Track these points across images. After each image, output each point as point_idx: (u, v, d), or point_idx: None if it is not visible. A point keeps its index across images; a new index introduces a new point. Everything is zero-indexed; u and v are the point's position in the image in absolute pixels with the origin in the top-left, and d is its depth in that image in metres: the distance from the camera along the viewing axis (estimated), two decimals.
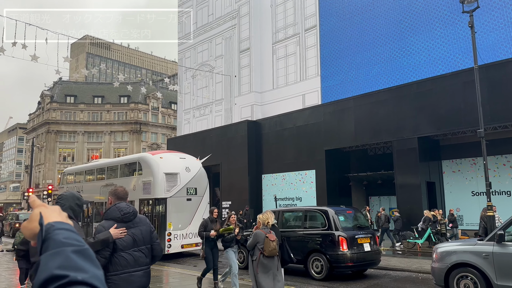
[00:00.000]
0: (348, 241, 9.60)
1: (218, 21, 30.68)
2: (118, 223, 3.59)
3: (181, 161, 15.73)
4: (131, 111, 58.50)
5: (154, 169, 14.77)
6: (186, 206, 14.79)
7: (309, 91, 24.75)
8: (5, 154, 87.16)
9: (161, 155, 15.78)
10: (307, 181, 23.39)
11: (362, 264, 10.13)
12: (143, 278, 3.64)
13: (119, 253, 3.51)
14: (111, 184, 16.99)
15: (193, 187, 15.29)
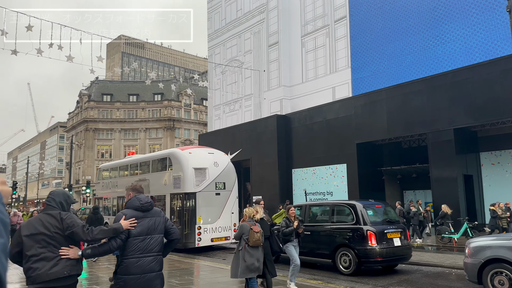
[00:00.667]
0: (377, 235, 9.40)
1: (247, 16, 30.66)
2: (137, 211, 4.04)
3: (209, 156, 15.92)
4: (164, 108, 59.79)
5: (184, 164, 15.06)
6: (215, 200, 14.97)
7: (339, 83, 24.31)
8: (47, 152, 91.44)
9: (190, 150, 16.05)
10: (338, 175, 23.03)
11: (392, 259, 9.86)
12: (152, 263, 3.95)
13: (133, 239, 3.91)
14: (143, 179, 17.60)
15: (221, 181, 15.48)
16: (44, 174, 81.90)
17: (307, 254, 10.69)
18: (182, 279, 9.31)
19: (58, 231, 3.80)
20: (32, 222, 3.91)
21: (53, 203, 3.95)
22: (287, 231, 7.79)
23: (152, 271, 3.95)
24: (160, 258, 4.07)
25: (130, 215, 3.99)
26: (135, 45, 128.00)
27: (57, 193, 4.01)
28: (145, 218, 4.03)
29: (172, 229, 4.24)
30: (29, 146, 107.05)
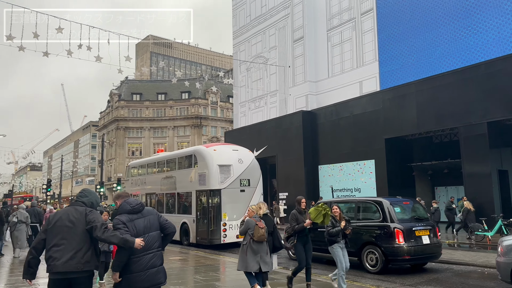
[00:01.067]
0: (404, 233, 9.10)
1: (271, 12, 30.49)
2: (130, 214, 4.26)
3: (234, 153, 15.88)
4: (191, 106, 60.55)
5: (209, 161, 15.13)
6: (240, 197, 14.93)
7: (367, 77, 23.80)
8: (80, 150, 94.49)
9: (214, 148, 16.13)
10: (366, 172, 22.58)
11: (420, 258, 9.52)
12: (153, 259, 4.19)
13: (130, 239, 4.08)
14: (170, 176, 17.82)
15: (246, 178, 15.42)
16: (77, 172, 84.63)
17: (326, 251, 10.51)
18: (207, 275, 9.36)
19: (81, 226, 4.06)
20: (60, 213, 4.20)
21: (84, 199, 4.27)
22: (333, 231, 7.34)
23: (153, 266, 4.17)
24: (159, 253, 4.30)
25: (125, 219, 4.21)
26: (163, 44, 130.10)
27: (92, 192, 4.38)
28: (140, 219, 4.27)
29: (167, 224, 4.47)
30: (63, 145, 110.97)
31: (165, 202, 17.94)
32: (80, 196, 4.30)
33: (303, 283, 8.02)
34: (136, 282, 4.05)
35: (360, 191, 22.71)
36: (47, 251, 4.00)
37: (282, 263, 11.49)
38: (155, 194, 18.79)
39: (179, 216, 16.42)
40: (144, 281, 4.08)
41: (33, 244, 4.09)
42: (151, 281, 4.13)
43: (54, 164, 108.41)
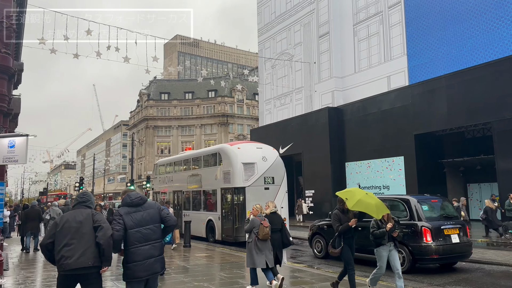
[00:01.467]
0: (432, 232, 8.84)
1: (296, 8, 30.27)
2: (129, 207, 4.56)
3: (258, 151, 15.85)
4: (218, 104, 61.06)
5: (233, 159, 15.17)
6: (264, 194, 14.68)
7: (395, 72, 23.25)
8: (112, 149, 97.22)
9: (238, 146, 16.18)
10: (395, 169, 22.10)
11: (449, 257, 9.23)
12: (151, 250, 4.46)
13: (130, 231, 4.41)
14: (196, 174, 17.98)
15: (270, 176, 15.31)
16: (109, 170, 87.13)
17: (358, 251, 10.38)
18: (231, 273, 9.42)
19: (88, 225, 4.38)
20: (67, 216, 4.49)
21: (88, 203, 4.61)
22: (378, 233, 6.78)
23: (151, 256, 4.45)
24: (158, 245, 4.56)
25: (124, 211, 4.52)
26: (190, 43, 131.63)
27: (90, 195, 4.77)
28: (137, 212, 4.54)
29: (167, 217, 4.72)
30: (95, 143, 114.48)
31: (191, 199, 18.12)
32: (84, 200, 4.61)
33: (326, 282, 7.95)
34: (137, 270, 4.36)
35: (389, 188, 22.26)
36: (58, 252, 4.24)
37: (306, 261, 11.44)
38: (182, 191, 18.99)
39: (205, 213, 16.55)
40: (143, 270, 4.39)
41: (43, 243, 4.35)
42: (150, 270, 4.43)
43: (87, 163, 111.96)
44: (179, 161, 20.73)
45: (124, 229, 4.41)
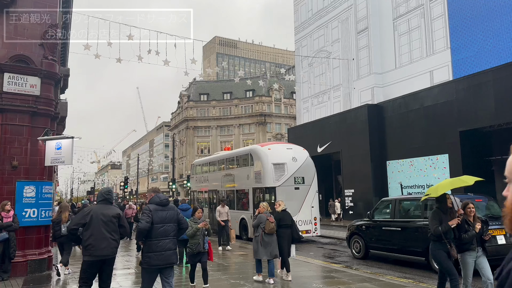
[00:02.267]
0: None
1: (334, 4, 29.81)
2: (158, 205, 5.38)
3: (288, 152, 16.14)
4: (256, 104, 61.29)
5: (263, 160, 15.54)
6: (294, 194, 15.00)
7: (438, 66, 22.34)
8: (155, 149, 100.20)
9: (269, 147, 16.60)
10: (439, 167, 21.24)
11: (494, 259, 8.68)
12: (169, 244, 5.28)
13: (155, 225, 5.22)
14: (229, 174, 18.45)
15: (300, 176, 15.49)
16: (152, 169, 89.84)
17: (397, 252, 10.19)
18: (265, 271, 9.44)
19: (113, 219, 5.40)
20: (97, 209, 5.45)
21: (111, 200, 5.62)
22: (466, 237, 5.95)
23: (169, 249, 5.25)
24: (175, 240, 5.44)
25: (153, 208, 5.33)
26: (228, 44, 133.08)
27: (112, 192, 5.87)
28: (163, 211, 5.37)
29: (182, 220, 5.58)
30: (139, 144, 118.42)
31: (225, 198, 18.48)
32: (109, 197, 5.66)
33: (364, 283, 7.78)
34: (155, 259, 5.13)
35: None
36: (86, 239, 5.23)
37: (345, 262, 11.27)
38: (217, 190, 19.46)
39: (238, 212, 16.83)
40: (160, 260, 5.17)
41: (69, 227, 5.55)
42: (167, 260, 5.23)
43: (132, 163, 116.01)
44: (214, 162, 21.28)
45: (151, 223, 5.16)
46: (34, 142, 9.17)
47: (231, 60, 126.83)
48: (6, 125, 8.92)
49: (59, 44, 10.05)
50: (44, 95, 9.32)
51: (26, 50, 9.28)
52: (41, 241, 9.21)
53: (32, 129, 9.18)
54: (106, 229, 5.30)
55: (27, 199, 8.94)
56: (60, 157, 9.12)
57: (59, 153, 9.11)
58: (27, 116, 9.11)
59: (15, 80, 8.99)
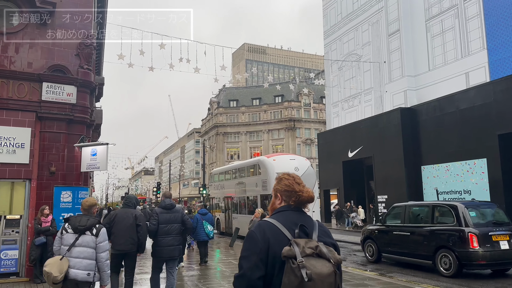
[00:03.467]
0: (479, 237, 8.93)
1: (364, 7, 29.39)
2: (163, 209, 6.69)
3: (291, 162, 17.69)
4: (285, 109, 61.16)
5: (269, 169, 17.31)
6: None
7: (474, 68, 21.54)
8: (186, 155, 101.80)
9: (274, 158, 18.48)
10: (477, 172, 20.38)
11: (497, 263, 9.17)
12: (172, 241, 6.55)
13: (160, 225, 6.51)
14: (242, 182, 20.36)
15: None
16: (184, 175, 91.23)
17: (407, 255, 10.59)
18: None
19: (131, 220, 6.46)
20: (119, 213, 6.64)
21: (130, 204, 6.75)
22: None
23: (172, 245, 6.54)
24: (178, 237, 6.69)
25: (159, 211, 6.65)
26: (257, 51, 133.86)
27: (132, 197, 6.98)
28: (168, 213, 6.66)
29: (186, 221, 6.91)
30: (171, 151, 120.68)
31: (238, 204, 20.45)
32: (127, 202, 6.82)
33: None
34: (161, 252, 6.43)
35: (471, 193, 20.57)
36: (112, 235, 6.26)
37: (379, 269, 10.94)
38: (232, 197, 21.28)
39: (248, 216, 17.83)
40: (165, 253, 6.46)
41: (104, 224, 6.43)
42: (169, 254, 6.52)
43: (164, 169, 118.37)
44: (228, 171, 23.24)
45: (157, 224, 6.44)
46: (70, 148, 9.48)
47: (260, 66, 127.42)
48: (44, 132, 9.28)
49: (94, 53, 10.39)
50: (80, 103, 9.64)
51: (63, 60, 9.65)
52: None
53: (68, 136, 9.51)
54: (125, 228, 6.39)
55: (64, 204, 9.23)
56: (95, 163, 9.38)
57: (95, 159, 9.38)
58: (64, 123, 9.44)
59: (53, 89, 9.35)
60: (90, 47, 9.84)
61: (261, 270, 1.93)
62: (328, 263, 1.88)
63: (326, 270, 1.84)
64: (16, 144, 9.00)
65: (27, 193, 9.18)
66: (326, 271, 1.84)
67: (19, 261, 8.89)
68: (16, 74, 9.09)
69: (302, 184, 2.26)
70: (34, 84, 9.24)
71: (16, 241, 8.91)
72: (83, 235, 4.52)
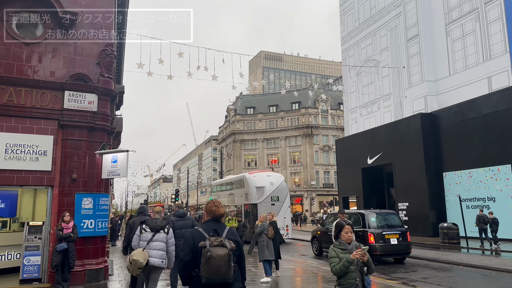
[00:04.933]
0: (375, 236, 12.93)
1: (382, 13, 29.16)
2: (177, 217, 7.91)
3: (267, 178, 22.02)
4: (302, 116, 60.88)
5: (250, 183, 21.48)
6: (271, 208, 19.39)
7: (496, 72, 21.06)
8: (204, 162, 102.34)
9: (254, 174, 22.91)
10: (501, 178, 19.83)
11: (388, 254, 13.45)
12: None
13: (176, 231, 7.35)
14: (232, 193, 24.10)
15: (276, 195, 21.36)
16: (201, 182, 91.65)
17: None
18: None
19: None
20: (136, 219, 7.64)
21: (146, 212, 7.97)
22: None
23: None
24: None
25: (174, 219, 7.88)
26: (273, 58, 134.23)
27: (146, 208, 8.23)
28: (181, 221, 7.85)
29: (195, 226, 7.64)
30: (189, 158, 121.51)
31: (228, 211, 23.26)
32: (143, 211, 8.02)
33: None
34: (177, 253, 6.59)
35: (495, 200, 20.00)
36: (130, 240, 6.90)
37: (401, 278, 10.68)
38: (225, 205, 23.72)
39: None
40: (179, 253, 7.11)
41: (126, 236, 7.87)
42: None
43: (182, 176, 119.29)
44: (223, 183, 27.53)
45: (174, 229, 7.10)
46: (91, 156, 9.60)
47: (277, 73, 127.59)
48: (66, 140, 9.43)
49: (115, 62, 10.54)
50: (101, 111, 9.78)
51: (84, 68, 9.83)
52: (98, 251, 9.55)
53: (89, 143, 9.63)
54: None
55: (85, 210, 9.33)
56: (116, 170, 9.46)
57: (115, 166, 9.47)
58: (85, 131, 9.58)
59: (75, 98, 9.51)
60: (110, 55, 9.99)
61: (190, 256, 3.46)
62: (226, 249, 3.37)
63: (223, 252, 3.34)
64: (39, 152, 9.17)
65: (49, 199, 9.32)
66: (223, 253, 3.34)
67: (41, 267, 9.00)
68: (39, 83, 9.29)
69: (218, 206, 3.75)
70: (57, 92, 9.42)
71: (39, 247, 9.03)
72: (158, 233, 6.23)
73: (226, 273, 3.33)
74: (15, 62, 9.24)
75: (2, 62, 9.12)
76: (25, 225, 9.21)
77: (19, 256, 9.35)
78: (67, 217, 8.64)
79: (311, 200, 57.22)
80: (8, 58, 9.19)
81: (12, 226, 10.61)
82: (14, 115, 9.04)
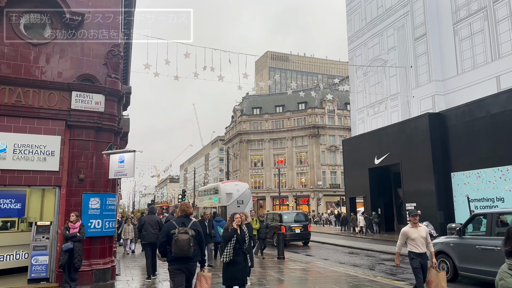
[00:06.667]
0: (286, 227, 19.71)
1: (389, 12, 28.99)
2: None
3: (235, 186, 27.79)
4: (308, 116, 60.72)
5: (222, 191, 27.52)
6: (237, 209, 22.44)
7: (505, 71, 20.82)
8: (210, 163, 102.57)
9: (225, 184, 28.72)
10: (510, 178, 19.56)
11: (294, 239, 20.25)
12: None
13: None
14: (211, 198, 30.26)
15: (241, 199, 26.84)
16: (208, 182, 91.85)
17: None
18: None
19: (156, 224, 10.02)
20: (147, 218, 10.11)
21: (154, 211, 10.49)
22: None
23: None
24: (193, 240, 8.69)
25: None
26: (279, 58, 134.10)
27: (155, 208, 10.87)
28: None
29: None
30: (196, 158, 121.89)
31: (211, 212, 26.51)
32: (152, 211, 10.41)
33: None
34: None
35: (504, 201, 19.75)
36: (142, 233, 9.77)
37: (409, 279, 10.59)
38: (207, 207, 30.12)
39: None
40: None
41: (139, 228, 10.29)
42: None
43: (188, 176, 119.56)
44: (206, 190, 34.10)
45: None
46: (99, 156, 9.64)
47: (283, 73, 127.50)
48: (73, 140, 9.48)
49: (121, 62, 10.58)
50: (108, 111, 9.82)
51: (91, 69, 9.87)
52: (105, 251, 9.59)
53: (97, 143, 9.68)
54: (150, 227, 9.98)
55: (93, 210, 9.37)
56: (123, 170, 9.49)
57: (122, 166, 9.50)
58: (93, 131, 9.62)
59: (82, 98, 9.56)
60: (117, 56, 10.03)
61: (165, 238, 5.65)
62: (188, 235, 5.49)
63: (185, 237, 5.47)
64: (47, 152, 9.22)
65: (57, 199, 9.37)
66: (185, 237, 5.47)
67: (49, 266, 9.06)
68: (47, 84, 9.35)
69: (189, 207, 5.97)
70: (64, 93, 9.47)
71: (47, 247, 9.08)
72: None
73: (187, 251, 5.44)
74: (23, 63, 9.31)
75: (10, 63, 9.19)
76: (33, 225, 9.27)
77: (27, 255, 9.42)
78: (73, 217, 8.67)
79: (318, 200, 57.06)
80: (16, 59, 9.26)
81: (20, 226, 10.69)
82: (22, 115, 9.11)
